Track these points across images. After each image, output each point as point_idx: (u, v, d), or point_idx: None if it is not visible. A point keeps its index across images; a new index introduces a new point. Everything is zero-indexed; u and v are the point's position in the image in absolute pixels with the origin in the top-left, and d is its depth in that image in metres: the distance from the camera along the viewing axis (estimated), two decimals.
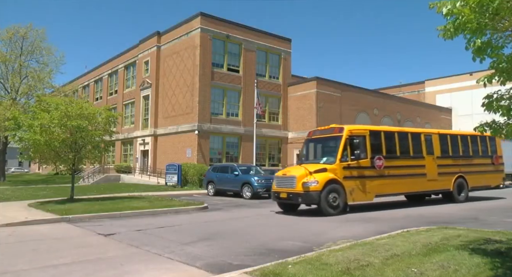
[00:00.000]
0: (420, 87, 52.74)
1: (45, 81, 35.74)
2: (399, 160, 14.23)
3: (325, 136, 13.92)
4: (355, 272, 5.30)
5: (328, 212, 11.95)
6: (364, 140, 13.24)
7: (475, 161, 16.90)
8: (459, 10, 4.32)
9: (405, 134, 15.00)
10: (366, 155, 13.18)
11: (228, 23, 32.52)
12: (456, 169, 16.08)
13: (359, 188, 12.84)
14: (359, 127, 14.39)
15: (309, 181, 11.99)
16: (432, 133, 16.02)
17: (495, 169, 17.73)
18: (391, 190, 13.88)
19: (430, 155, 15.28)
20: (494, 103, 5.13)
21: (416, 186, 14.74)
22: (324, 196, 11.90)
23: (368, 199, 13.27)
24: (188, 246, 7.79)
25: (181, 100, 32.14)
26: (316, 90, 33.59)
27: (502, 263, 5.53)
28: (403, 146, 14.57)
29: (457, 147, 16.49)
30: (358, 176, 12.87)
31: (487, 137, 17.59)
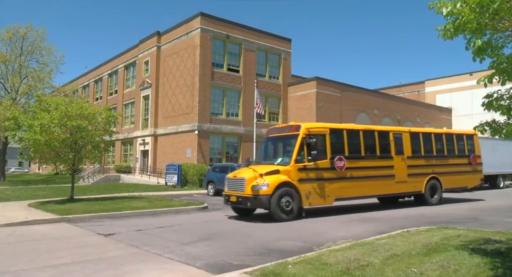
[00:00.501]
0: (420, 87, 52.76)
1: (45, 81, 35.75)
2: (363, 161, 13.18)
3: (282, 134, 12.85)
4: (355, 272, 5.30)
5: (279, 217, 10.96)
6: (323, 139, 12.25)
7: (450, 161, 15.92)
8: (459, 11, 4.32)
9: (371, 133, 13.84)
10: (326, 155, 12.14)
11: (228, 23, 32.53)
12: (428, 169, 15.07)
13: (316, 191, 11.80)
14: (318, 125, 13.39)
15: (259, 184, 10.97)
16: (403, 132, 14.95)
17: (473, 169, 16.73)
18: (354, 193, 12.83)
19: (399, 155, 14.22)
20: (494, 103, 5.14)
21: (383, 189, 13.66)
22: (275, 200, 10.90)
23: (327, 203, 12.19)
24: (188, 246, 7.79)
25: (181, 100, 32.15)
26: (316, 90, 33.59)
27: (502, 263, 5.53)
28: (368, 146, 13.53)
29: (430, 146, 15.45)
30: (315, 178, 11.83)
31: (464, 136, 16.94)
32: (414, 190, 14.71)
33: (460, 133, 17.20)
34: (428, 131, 16.31)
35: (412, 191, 14.79)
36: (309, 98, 33.93)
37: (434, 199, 15.19)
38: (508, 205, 15.67)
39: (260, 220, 11.33)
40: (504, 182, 27.16)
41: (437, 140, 15.79)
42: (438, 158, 15.55)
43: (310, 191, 11.68)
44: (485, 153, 25.14)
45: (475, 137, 17.26)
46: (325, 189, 12.01)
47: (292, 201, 11.23)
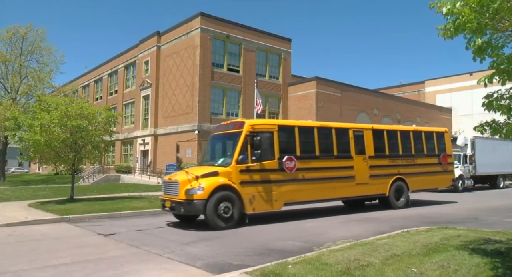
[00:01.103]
0: (420, 87, 52.76)
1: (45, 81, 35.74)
2: (318, 161, 11.98)
3: (226, 132, 11.75)
4: (355, 272, 5.30)
5: (216, 224, 9.80)
6: (271, 137, 11.07)
7: (418, 160, 14.82)
8: (459, 10, 4.32)
9: (328, 130, 12.64)
10: (273, 155, 10.97)
11: (228, 23, 32.53)
12: (394, 170, 13.96)
13: (262, 195, 10.66)
14: (264, 122, 12.36)
15: (194, 188, 9.86)
16: (364, 129, 13.73)
17: (443, 169, 15.69)
18: (307, 196, 11.64)
19: (360, 155, 13.08)
20: (494, 103, 5.14)
21: (342, 191, 12.54)
22: (211, 205, 9.76)
23: (275, 207, 11.03)
24: (188, 246, 7.79)
25: (181, 100, 32.15)
26: (316, 90, 33.59)
27: (502, 263, 5.53)
28: (324, 144, 12.33)
29: (396, 145, 14.29)
30: (261, 181, 10.66)
31: (435, 134, 15.94)
32: (377, 192, 13.55)
33: (429, 131, 16.29)
34: (393, 129, 15.31)
35: (375, 194, 13.64)
36: (309, 98, 33.93)
37: (400, 202, 14.08)
38: (508, 205, 15.67)
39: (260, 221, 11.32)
40: (504, 182, 27.15)
41: (404, 138, 14.67)
42: (405, 158, 14.46)
43: (254, 195, 10.51)
44: (485, 153, 25.32)
45: (446, 135, 16.41)
46: (272, 192, 10.85)
47: (232, 206, 10.08)
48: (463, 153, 24.28)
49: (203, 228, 9.93)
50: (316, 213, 12.79)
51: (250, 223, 10.71)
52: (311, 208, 14.10)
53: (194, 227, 10.29)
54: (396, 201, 13.96)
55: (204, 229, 9.82)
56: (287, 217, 11.93)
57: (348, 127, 13.47)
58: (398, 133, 14.64)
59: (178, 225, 10.77)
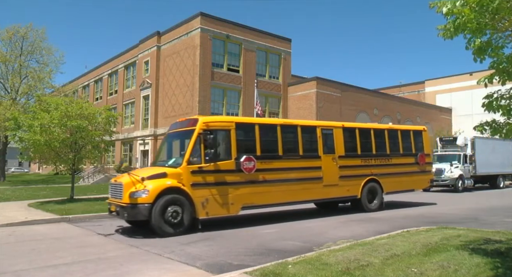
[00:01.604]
0: (420, 87, 52.78)
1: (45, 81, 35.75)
2: (281, 161, 11.17)
3: (179, 130, 11.00)
4: (355, 272, 5.30)
5: (164, 231, 8.97)
6: (227, 135, 10.32)
7: (393, 160, 13.98)
8: (459, 10, 4.32)
9: (293, 129, 11.84)
10: (230, 155, 10.19)
11: (228, 23, 32.54)
12: (366, 171, 13.15)
13: (216, 199, 9.84)
14: (220, 119, 11.55)
15: (138, 191, 9.03)
16: (334, 127, 12.80)
17: (420, 169, 14.86)
18: (268, 199, 10.79)
19: (329, 155, 12.24)
20: (494, 103, 5.14)
21: (308, 194, 11.68)
22: (157, 210, 8.91)
23: (231, 212, 10.23)
24: (188, 246, 7.80)
25: (181, 100, 32.16)
26: (316, 90, 33.60)
27: (502, 263, 5.53)
28: (289, 144, 11.61)
29: (369, 144, 13.49)
30: (215, 183, 9.86)
31: (412, 132, 15.12)
32: (348, 194, 12.73)
33: (406, 129, 15.47)
34: (366, 127, 14.48)
35: (345, 196, 12.80)
36: (309, 98, 33.94)
37: (373, 204, 13.26)
38: (508, 205, 15.67)
39: (259, 221, 11.32)
40: (504, 182, 27.14)
41: (378, 137, 13.83)
42: (379, 158, 13.61)
43: (208, 198, 9.71)
44: (485, 153, 25.33)
45: (424, 134, 15.52)
46: (228, 195, 10.05)
47: (182, 211, 9.25)
48: (463, 153, 24.28)
49: (203, 228, 9.92)
50: (316, 213, 12.80)
51: (249, 224, 10.71)
52: (311, 208, 14.11)
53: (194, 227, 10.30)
54: (369, 203, 13.15)
55: (204, 229, 9.82)
56: (287, 217, 11.94)
57: (316, 125, 12.74)
58: (372, 132, 13.82)
59: None
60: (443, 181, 23.14)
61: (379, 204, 13.44)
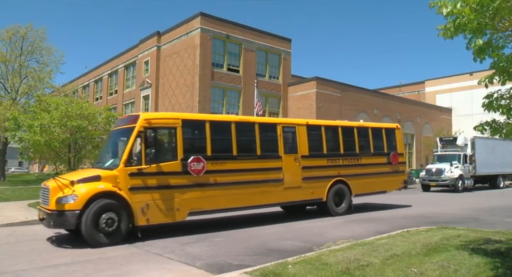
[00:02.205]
0: (420, 87, 52.78)
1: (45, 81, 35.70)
2: (236, 162, 10.21)
3: (121, 128, 9.94)
4: (355, 272, 5.30)
5: (97, 241, 7.98)
6: (173, 134, 9.42)
7: (363, 160, 13.09)
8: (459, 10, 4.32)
9: (250, 126, 10.82)
10: (176, 155, 9.24)
11: (228, 23, 32.54)
12: (333, 171, 12.22)
13: (158, 204, 8.84)
14: (165, 116, 10.36)
15: (66, 196, 8.05)
16: (297, 125, 11.86)
17: (393, 170, 13.96)
18: (220, 203, 9.86)
19: (291, 154, 11.33)
20: (494, 103, 5.14)
21: (266, 197, 10.68)
22: (89, 217, 7.95)
23: (177, 218, 9.20)
24: (188, 246, 7.80)
25: (181, 100, 32.17)
26: (316, 90, 33.60)
27: (502, 263, 5.53)
28: (245, 143, 10.72)
29: (336, 142, 12.59)
30: (158, 186, 8.88)
31: (384, 130, 14.22)
32: (312, 197, 11.79)
33: (378, 127, 14.60)
34: (334, 124, 13.37)
35: (309, 199, 11.85)
36: (309, 98, 33.94)
37: (341, 207, 12.33)
38: (508, 205, 15.67)
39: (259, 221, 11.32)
40: (504, 182, 27.15)
41: (347, 135, 12.93)
42: (347, 157, 12.70)
43: (149, 203, 8.72)
44: (485, 153, 25.33)
45: (398, 132, 14.66)
46: (173, 200, 9.07)
47: (118, 218, 8.26)
48: (463, 153, 24.29)
49: (203, 228, 9.93)
50: (316, 213, 12.79)
51: (249, 224, 10.70)
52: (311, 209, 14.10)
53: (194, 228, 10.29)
54: (336, 206, 12.24)
55: (204, 229, 9.82)
56: (287, 218, 11.94)
57: (276, 122, 11.69)
58: (340, 129, 12.81)
59: (177, 225, 10.77)
60: (443, 181, 23.17)
61: (347, 207, 12.50)
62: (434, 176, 23.58)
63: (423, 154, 42.85)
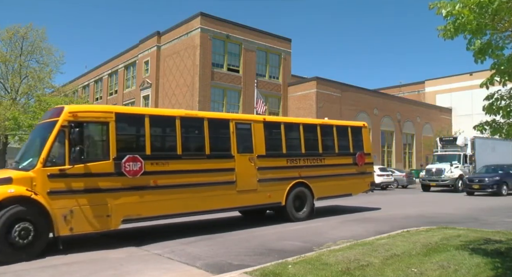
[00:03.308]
0: (420, 87, 52.82)
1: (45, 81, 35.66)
2: (180, 162, 9.04)
3: (44, 122, 8.62)
4: (355, 272, 5.31)
5: (9, 257, 6.69)
6: (103, 129, 8.20)
7: (327, 161, 12.07)
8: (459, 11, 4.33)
9: (198, 122, 9.69)
10: (108, 154, 8.01)
11: (228, 23, 32.56)
12: (293, 173, 11.15)
13: (85, 210, 7.57)
14: (94, 108, 9.21)
15: None
16: (253, 121, 10.75)
17: (359, 171, 12.99)
18: (160, 209, 8.62)
19: (245, 154, 10.21)
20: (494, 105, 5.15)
21: (215, 202, 9.55)
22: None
23: (109, 226, 7.93)
24: (188, 246, 7.80)
25: (181, 100, 32.18)
26: (316, 90, 33.62)
27: (502, 263, 5.54)
28: (192, 141, 9.84)
29: (297, 141, 11.58)
30: (85, 190, 7.64)
31: (349, 128, 13.13)
32: (269, 201, 10.66)
33: (343, 125, 13.41)
34: (294, 122, 12.28)
35: (265, 203, 10.71)
36: (309, 98, 33.95)
37: (302, 212, 11.28)
38: (508, 205, 15.68)
39: (259, 221, 11.32)
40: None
41: (309, 134, 11.96)
42: (309, 158, 11.66)
43: (73, 210, 7.48)
44: (485, 153, 25.36)
45: (365, 131, 13.67)
46: (104, 205, 7.83)
47: (34, 227, 7.04)
48: (463, 153, 24.32)
49: (203, 228, 9.93)
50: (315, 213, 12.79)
51: (249, 224, 10.69)
52: None
53: (194, 228, 10.30)
54: (297, 211, 11.19)
55: (204, 229, 9.82)
56: None
57: (229, 118, 10.55)
58: (301, 127, 11.75)
59: (177, 225, 10.78)
60: (443, 181, 23.19)
61: (309, 212, 11.49)
62: (434, 176, 23.60)
63: (423, 154, 42.89)
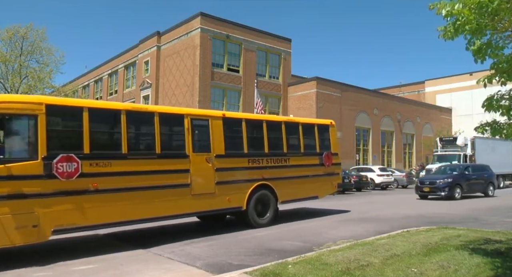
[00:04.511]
0: (420, 87, 52.80)
1: (45, 81, 35.67)
2: (125, 163, 7.88)
3: None
4: (355, 272, 5.31)
5: None
6: (32, 123, 6.96)
7: (292, 161, 11.19)
8: (459, 11, 4.33)
9: (147, 117, 8.52)
10: (35, 152, 6.85)
11: (228, 23, 32.55)
12: (255, 174, 10.20)
13: (3, 220, 6.39)
14: (19, 99, 7.73)
15: None
16: (211, 117, 9.65)
17: (326, 172, 12.16)
18: (99, 217, 7.44)
19: (202, 153, 9.14)
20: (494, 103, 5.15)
21: (167, 207, 8.40)
22: None
23: (36, 238, 6.77)
24: (188, 246, 7.80)
25: (181, 100, 32.18)
26: (316, 90, 33.60)
27: (502, 263, 5.54)
28: (139, 138, 8.80)
29: (260, 140, 10.64)
30: (6, 196, 6.45)
31: (316, 127, 12.25)
32: (229, 205, 9.60)
33: (309, 123, 12.58)
34: (257, 118, 11.42)
35: (225, 208, 9.62)
36: (309, 98, 33.94)
37: (265, 217, 10.37)
38: (508, 205, 15.68)
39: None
40: (504, 182, 27.16)
41: (273, 132, 11.02)
42: (273, 158, 10.75)
43: None
44: (485, 153, 25.38)
45: (332, 129, 12.81)
46: (30, 214, 6.64)
47: None
48: (463, 153, 24.32)
49: (203, 228, 9.93)
50: (315, 214, 12.80)
51: None
52: (310, 209, 14.10)
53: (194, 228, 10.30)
54: (259, 216, 10.25)
55: (204, 229, 9.82)
56: (287, 218, 11.94)
57: (184, 113, 9.27)
58: (264, 125, 10.81)
59: (177, 226, 10.78)
60: None
61: (272, 217, 10.57)
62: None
63: (423, 154, 42.86)
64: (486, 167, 21.07)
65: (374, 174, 27.04)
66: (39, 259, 6.89)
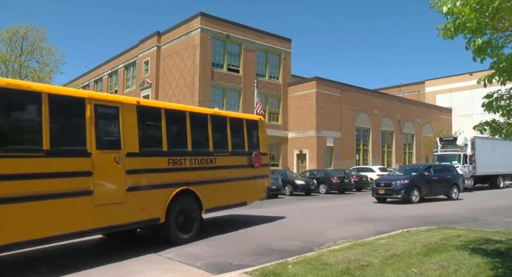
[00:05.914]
0: (420, 87, 52.80)
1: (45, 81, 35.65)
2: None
3: None
4: (355, 272, 5.30)
5: None
6: None
7: (219, 161, 9.38)
8: (459, 9, 4.32)
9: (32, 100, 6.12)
10: None
11: (228, 23, 32.55)
12: (177, 177, 8.22)
13: None
14: None
15: None
16: (121, 104, 7.45)
17: (255, 174, 10.60)
18: None
19: (109, 151, 7.02)
20: (494, 103, 5.14)
21: (60, 223, 6.11)
22: None
23: None
24: (188, 246, 7.80)
25: (181, 100, 32.17)
26: (316, 90, 33.59)
27: (502, 263, 5.53)
28: (18, 128, 6.13)
29: (183, 135, 8.67)
30: None
31: (245, 122, 10.60)
32: (143, 218, 7.49)
33: (237, 118, 10.83)
34: (179, 109, 9.09)
35: (138, 221, 7.45)
36: (309, 98, 33.93)
37: (188, 230, 8.43)
38: (508, 205, 15.67)
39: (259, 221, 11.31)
40: (504, 182, 27.16)
41: (198, 126, 9.22)
42: (198, 157, 8.85)
43: None
44: (485, 153, 25.37)
45: (261, 125, 11.31)
46: None
47: None
48: (463, 153, 24.30)
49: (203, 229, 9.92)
50: (315, 214, 12.79)
51: (249, 224, 10.71)
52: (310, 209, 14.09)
53: None
54: (180, 232, 8.21)
55: (204, 229, 9.82)
56: (287, 218, 11.94)
57: (86, 96, 6.88)
58: (188, 117, 8.82)
59: None
60: None
61: (196, 230, 8.63)
62: None
63: (423, 154, 42.85)
64: (451, 168, 19.57)
65: (374, 174, 27.07)
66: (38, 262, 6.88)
